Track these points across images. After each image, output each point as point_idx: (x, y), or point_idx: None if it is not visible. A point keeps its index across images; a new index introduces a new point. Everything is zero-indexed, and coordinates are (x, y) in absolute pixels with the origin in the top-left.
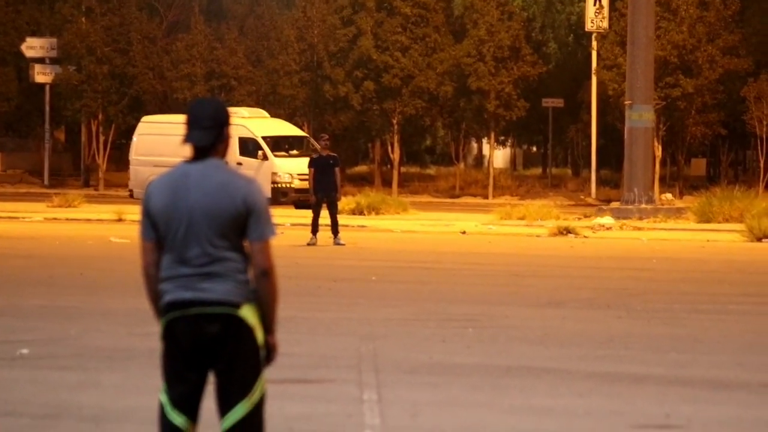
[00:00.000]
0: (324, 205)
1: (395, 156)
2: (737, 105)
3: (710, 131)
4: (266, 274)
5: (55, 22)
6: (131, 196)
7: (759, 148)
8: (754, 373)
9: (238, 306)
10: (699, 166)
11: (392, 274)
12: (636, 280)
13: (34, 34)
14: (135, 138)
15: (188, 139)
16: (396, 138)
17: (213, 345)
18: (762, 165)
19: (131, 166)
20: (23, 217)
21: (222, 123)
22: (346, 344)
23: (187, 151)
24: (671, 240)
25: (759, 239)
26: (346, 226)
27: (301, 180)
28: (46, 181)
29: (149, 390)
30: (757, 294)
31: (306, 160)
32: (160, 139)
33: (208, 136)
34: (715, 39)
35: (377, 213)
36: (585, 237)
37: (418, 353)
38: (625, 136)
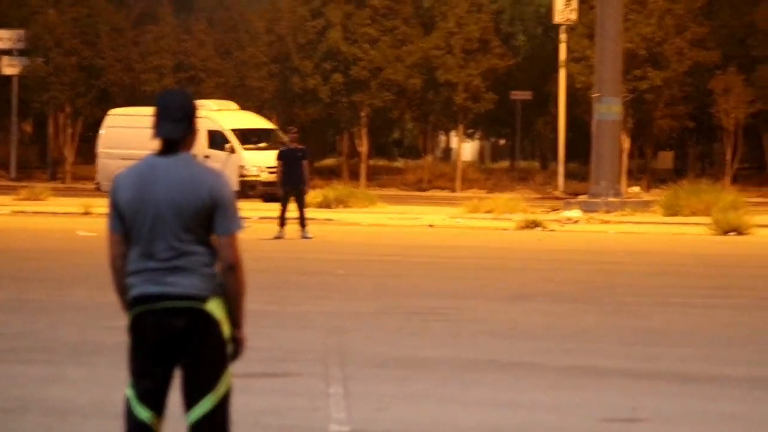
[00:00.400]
0: (292, 198)
1: (363, 149)
2: (705, 98)
3: (678, 124)
4: (233, 268)
5: (23, 13)
6: (98, 189)
7: (726, 141)
8: (720, 366)
9: (204, 300)
10: (666, 159)
11: (360, 268)
12: (603, 274)
13: (1, 26)
14: (103, 131)
15: (158, 132)
16: (364, 131)
17: (179, 339)
18: (729, 158)
19: (99, 159)
20: None
21: (191, 115)
22: (313, 338)
23: (156, 143)
24: (638, 233)
25: (725, 233)
26: (314, 219)
27: (269, 173)
28: (12, 174)
29: (116, 384)
30: (724, 287)
31: (274, 153)
32: (127, 132)
33: (178, 129)
34: (683, 31)
35: (345, 206)
36: (552, 230)
37: (386, 347)
38: (593, 129)
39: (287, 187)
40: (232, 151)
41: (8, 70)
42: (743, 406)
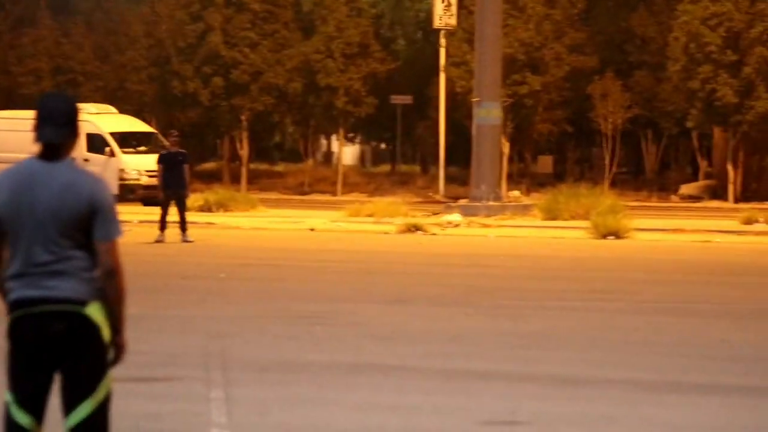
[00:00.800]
0: (172, 202)
1: (244, 152)
2: (583, 102)
3: (557, 128)
4: (113, 273)
5: None
6: None
7: (604, 145)
8: (598, 369)
9: (84, 304)
10: (546, 163)
11: (241, 272)
12: (483, 277)
13: None
14: None
15: (40, 136)
16: (245, 134)
17: (58, 343)
18: (607, 162)
19: None
20: None
21: (74, 119)
22: (194, 342)
23: (36, 147)
24: (518, 237)
25: (603, 236)
26: (195, 223)
27: (149, 176)
28: None
29: None
30: (601, 291)
31: (154, 157)
32: (5, 135)
33: (60, 133)
34: (561, 37)
35: (226, 210)
36: (433, 234)
37: (267, 351)
38: (473, 133)
39: (168, 190)
40: (112, 154)
41: None
42: (622, 408)
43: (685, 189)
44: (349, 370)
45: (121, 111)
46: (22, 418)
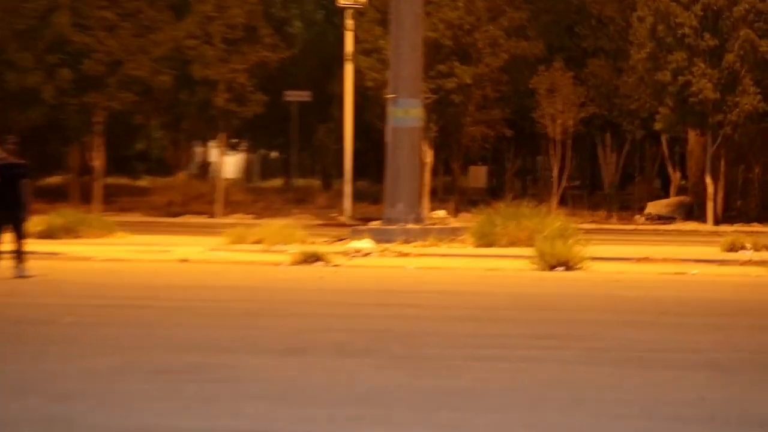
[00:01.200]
0: (7, 227)
1: (98, 163)
2: (525, 99)
3: (492, 132)
4: None
5: None
6: None
7: (552, 153)
8: None
9: None
10: (479, 175)
11: (93, 315)
12: (400, 320)
13: None
14: None
15: None
16: (99, 140)
17: None
18: (555, 174)
19: None
20: None
21: None
22: (31, 405)
23: None
24: (444, 268)
25: (551, 267)
26: (34, 252)
27: None
28: None
29: None
30: (549, 336)
31: None
32: None
33: None
34: (498, 17)
35: (74, 236)
36: (337, 265)
37: (124, 415)
38: (388, 138)
39: (2, 212)
40: None
41: None
42: None
43: (653, 207)
44: None
45: None
46: None
